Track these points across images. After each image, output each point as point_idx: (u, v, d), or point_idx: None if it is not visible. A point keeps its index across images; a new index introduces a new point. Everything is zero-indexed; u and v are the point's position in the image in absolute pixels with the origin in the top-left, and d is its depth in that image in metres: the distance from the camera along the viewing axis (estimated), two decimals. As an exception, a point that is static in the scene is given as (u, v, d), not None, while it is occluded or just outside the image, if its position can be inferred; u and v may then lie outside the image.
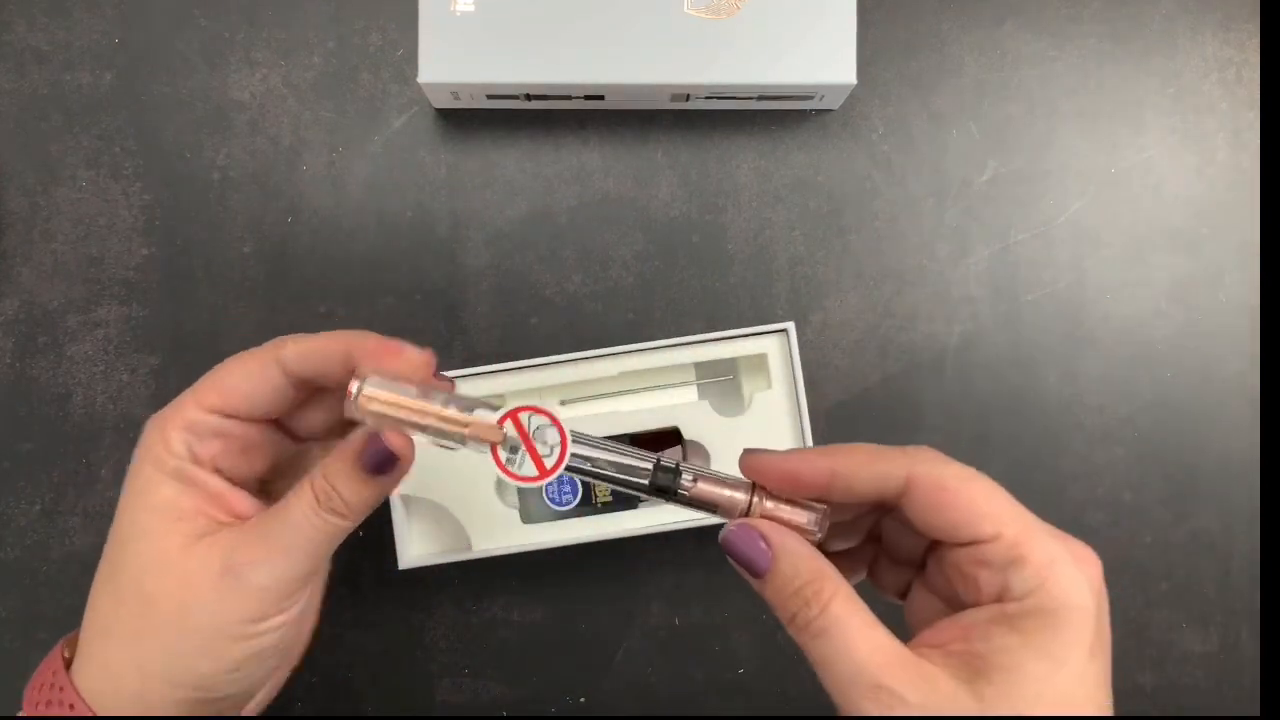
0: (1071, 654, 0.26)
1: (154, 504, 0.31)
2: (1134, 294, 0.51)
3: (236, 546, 0.31)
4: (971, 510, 0.28)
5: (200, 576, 0.30)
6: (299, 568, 0.31)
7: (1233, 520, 0.50)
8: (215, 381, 0.33)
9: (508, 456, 0.31)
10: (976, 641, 0.27)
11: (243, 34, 0.51)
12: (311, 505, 0.31)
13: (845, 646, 0.27)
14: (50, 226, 0.50)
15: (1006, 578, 0.27)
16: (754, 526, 0.30)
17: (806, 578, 0.28)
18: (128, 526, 0.32)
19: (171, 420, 0.32)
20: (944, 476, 0.28)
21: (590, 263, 0.51)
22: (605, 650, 0.49)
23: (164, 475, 0.32)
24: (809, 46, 0.47)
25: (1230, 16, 0.52)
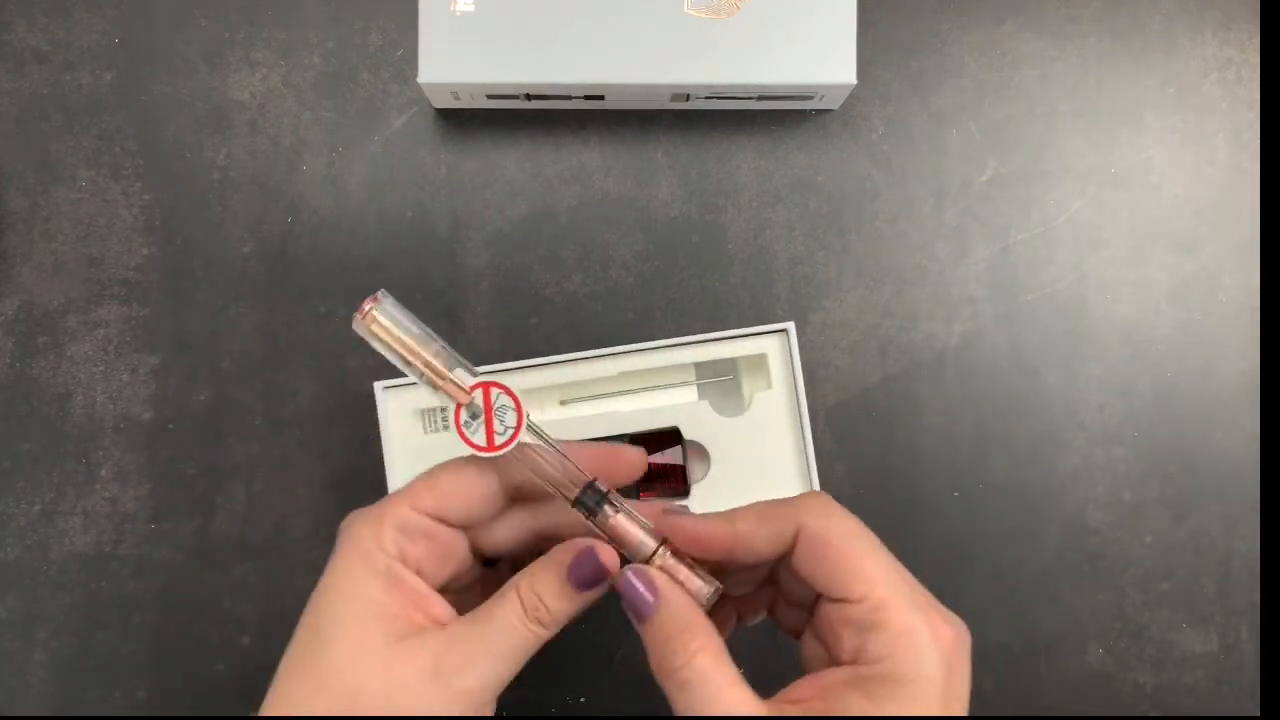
0: None
1: (359, 598, 0.31)
2: (1134, 294, 0.51)
3: (446, 649, 0.31)
4: (847, 569, 0.29)
5: (407, 676, 0.30)
6: (504, 674, 0.32)
7: (1233, 520, 0.50)
8: (432, 484, 0.33)
9: (467, 420, 0.33)
10: (831, 702, 0.29)
11: (243, 34, 0.51)
12: (519, 613, 0.32)
13: (705, 699, 0.29)
14: (50, 226, 0.50)
15: (864, 640, 0.29)
16: (646, 573, 0.32)
17: (680, 627, 0.30)
18: (329, 619, 0.31)
19: (387, 518, 0.32)
20: (828, 531, 0.30)
21: (590, 263, 0.51)
22: (605, 650, 0.49)
23: (372, 572, 0.31)
24: (809, 46, 0.47)
25: (1230, 16, 0.52)
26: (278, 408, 0.49)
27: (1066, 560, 0.50)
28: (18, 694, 0.48)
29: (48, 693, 0.48)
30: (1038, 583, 0.50)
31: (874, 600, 0.29)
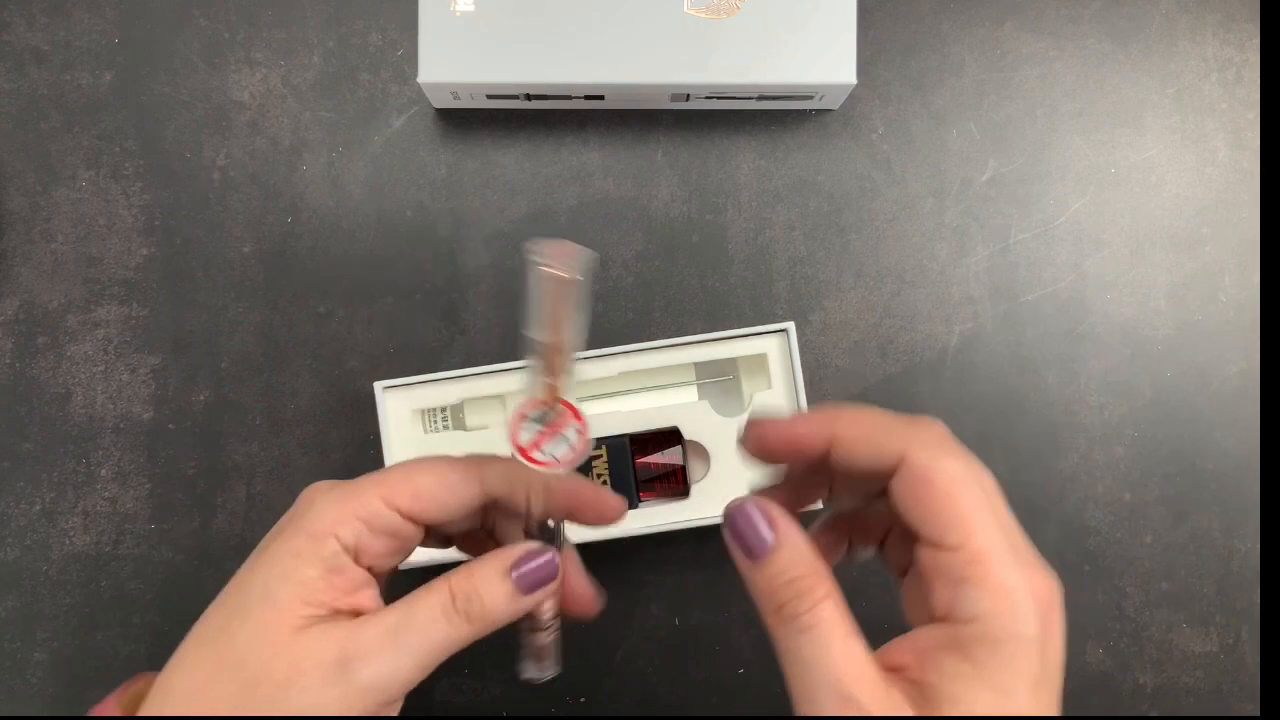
0: (1018, 686, 0.26)
1: (294, 580, 0.29)
2: (1134, 294, 0.51)
3: (354, 638, 0.29)
4: (945, 513, 0.27)
5: (310, 665, 0.28)
6: (412, 671, 0.29)
7: (1233, 520, 0.50)
8: (410, 483, 0.31)
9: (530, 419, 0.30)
10: (929, 670, 0.27)
11: (243, 34, 0.51)
12: (445, 606, 0.30)
13: (826, 649, 0.27)
14: (50, 226, 0.50)
15: (956, 594, 0.26)
16: (768, 508, 0.29)
17: (804, 570, 0.28)
18: (255, 592, 0.29)
19: (353, 502, 0.30)
20: (934, 470, 0.27)
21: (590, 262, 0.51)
22: (605, 650, 0.49)
23: (318, 557, 0.30)
24: (809, 46, 0.47)
25: (1230, 17, 0.52)
26: (278, 408, 0.49)
27: (1066, 560, 0.50)
28: (18, 694, 0.48)
29: (48, 693, 0.48)
30: (1038, 583, 0.50)
31: (970, 551, 0.26)
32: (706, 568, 0.50)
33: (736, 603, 0.50)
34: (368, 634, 0.29)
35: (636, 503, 0.46)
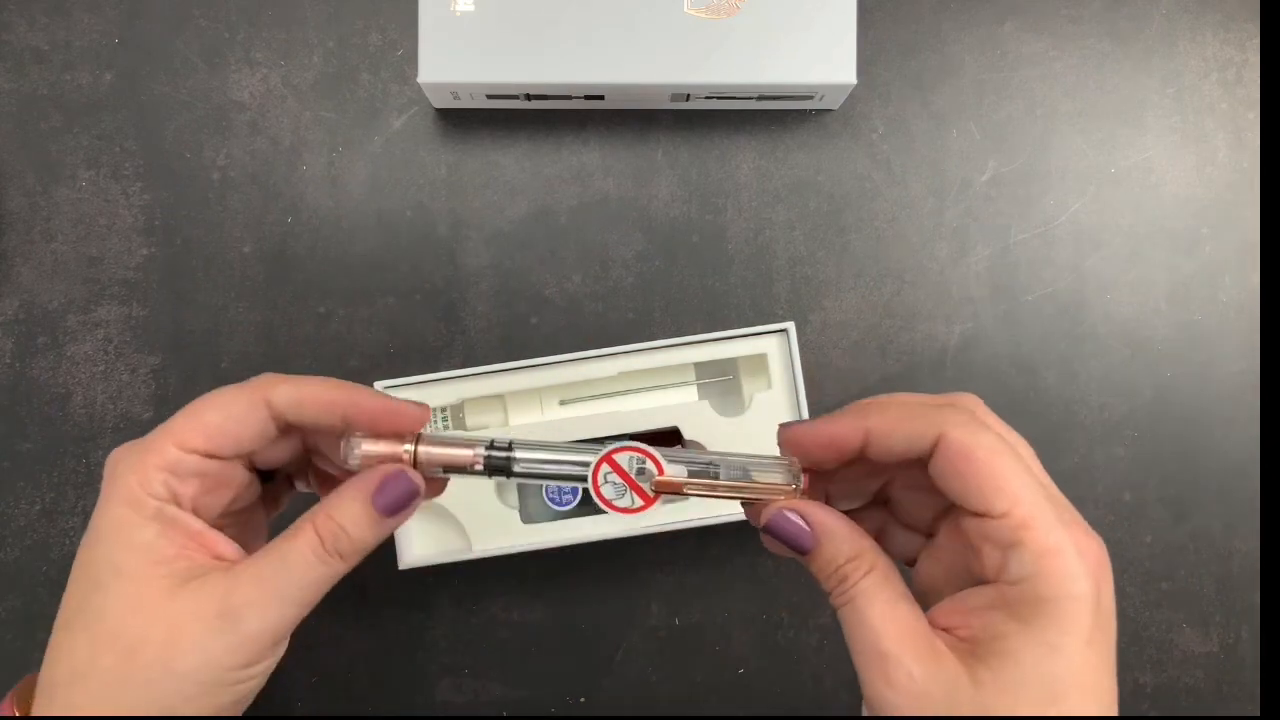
0: (1066, 641, 0.26)
1: (133, 546, 0.30)
2: (1134, 294, 0.51)
3: (231, 590, 0.29)
4: (989, 483, 0.27)
5: (190, 622, 0.29)
6: (295, 612, 0.30)
7: (1233, 520, 0.50)
8: (198, 421, 0.31)
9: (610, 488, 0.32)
10: (976, 626, 0.28)
11: (243, 34, 0.51)
12: (314, 547, 0.30)
13: (864, 616, 0.28)
14: (50, 226, 0.50)
15: (1006, 557, 0.27)
16: (799, 510, 0.30)
17: (846, 557, 0.29)
18: (104, 569, 0.30)
19: (150, 459, 0.30)
20: (973, 445, 0.28)
21: (590, 263, 0.51)
22: (605, 650, 0.49)
23: (143, 518, 0.30)
24: (809, 46, 0.47)
25: (1230, 16, 0.52)
26: (278, 408, 0.49)
27: (1066, 560, 0.50)
28: (18, 694, 0.48)
29: (48, 693, 0.48)
30: (1038, 583, 0.50)
31: (1016, 517, 0.27)
32: (706, 568, 0.50)
33: (736, 603, 0.50)
34: (245, 584, 0.29)
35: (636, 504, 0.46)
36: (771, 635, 0.50)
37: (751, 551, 0.50)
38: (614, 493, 0.33)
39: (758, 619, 0.50)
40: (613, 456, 0.32)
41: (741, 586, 0.50)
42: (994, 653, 0.27)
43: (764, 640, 0.50)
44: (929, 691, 0.27)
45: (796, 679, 0.49)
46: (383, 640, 0.49)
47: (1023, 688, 0.26)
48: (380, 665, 0.49)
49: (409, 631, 0.49)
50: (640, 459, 0.32)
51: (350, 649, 0.49)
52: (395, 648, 0.49)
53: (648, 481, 0.32)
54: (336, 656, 0.49)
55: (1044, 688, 0.26)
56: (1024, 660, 0.26)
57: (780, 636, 0.50)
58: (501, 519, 0.46)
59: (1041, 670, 0.26)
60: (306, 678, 0.48)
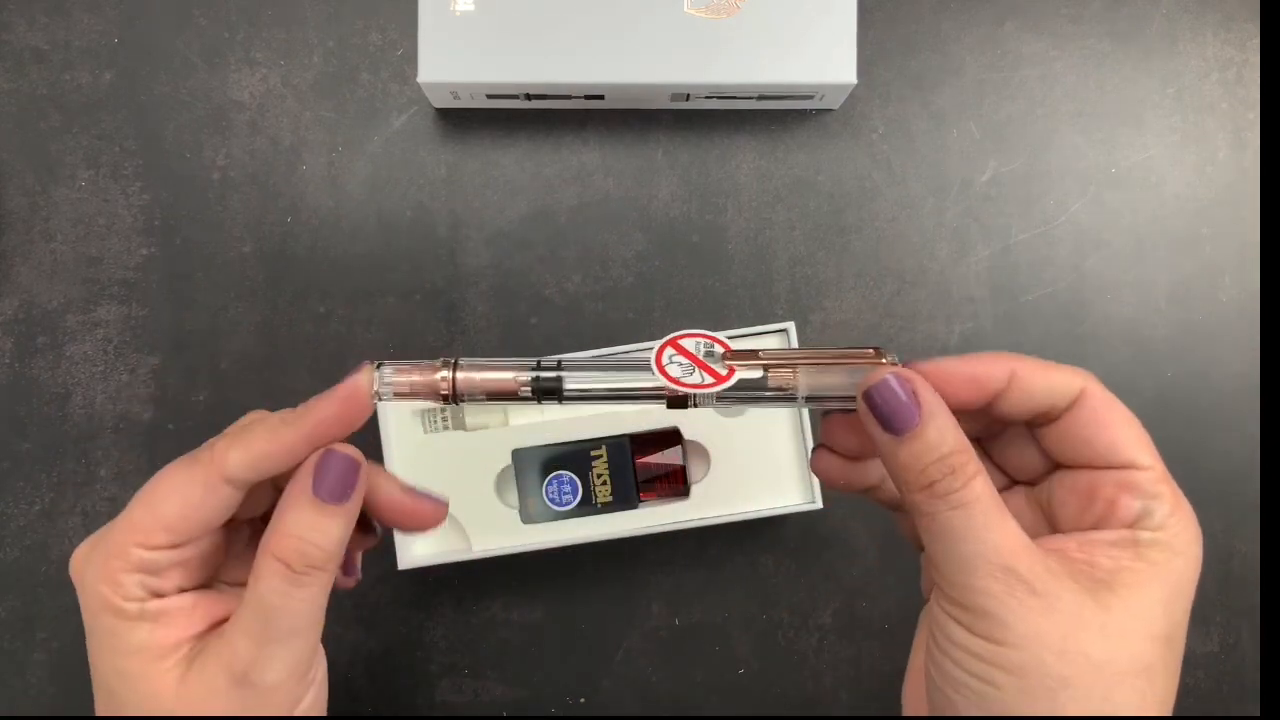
0: (1185, 590, 0.28)
1: (130, 651, 0.29)
2: (1134, 294, 0.51)
3: (233, 656, 0.28)
4: (1134, 437, 0.29)
5: (213, 701, 0.28)
6: (302, 648, 0.29)
7: (1233, 520, 0.50)
8: (156, 515, 0.29)
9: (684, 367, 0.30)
10: (1100, 556, 0.28)
11: (243, 34, 0.51)
12: (283, 576, 0.28)
13: (984, 524, 0.27)
14: (50, 226, 0.50)
15: (1150, 506, 0.28)
16: (909, 379, 0.28)
17: (955, 446, 0.27)
18: (111, 677, 0.29)
19: (115, 565, 0.29)
20: (1114, 401, 0.29)
21: (590, 263, 0.51)
22: (605, 650, 0.49)
23: (129, 622, 0.29)
24: (809, 46, 0.47)
25: (1230, 16, 0.52)
26: (277, 408, 0.49)
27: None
28: (18, 694, 0.48)
29: (48, 693, 0.48)
30: (1038, 583, 0.50)
31: (1159, 471, 0.28)
32: (706, 568, 0.50)
33: (736, 603, 0.50)
34: (241, 644, 0.28)
35: (637, 503, 0.46)
36: (771, 635, 0.50)
37: (751, 551, 0.50)
38: (681, 371, 0.30)
39: (758, 619, 0.50)
40: (677, 341, 0.30)
41: (741, 586, 0.50)
42: (1121, 583, 0.27)
43: (764, 640, 0.50)
44: (1057, 607, 0.26)
45: (796, 679, 0.49)
46: (383, 640, 0.49)
47: (1149, 621, 0.27)
48: (380, 665, 0.49)
49: (409, 631, 0.49)
50: (708, 343, 0.30)
51: (350, 649, 0.49)
52: (395, 648, 0.49)
53: (717, 361, 0.30)
54: (336, 656, 0.49)
55: (1165, 624, 0.27)
56: (1153, 597, 0.27)
57: (780, 636, 0.50)
58: (501, 519, 0.46)
59: (1166, 610, 0.27)
60: (306, 678, 0.48)
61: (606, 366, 0.30)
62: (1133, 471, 0.28)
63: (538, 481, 0.46)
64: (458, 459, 0.46)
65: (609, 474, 0.46)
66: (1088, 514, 0.29)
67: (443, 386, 0.29)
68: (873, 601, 0.50)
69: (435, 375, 0.29)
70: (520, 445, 0.46)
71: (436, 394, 0.30)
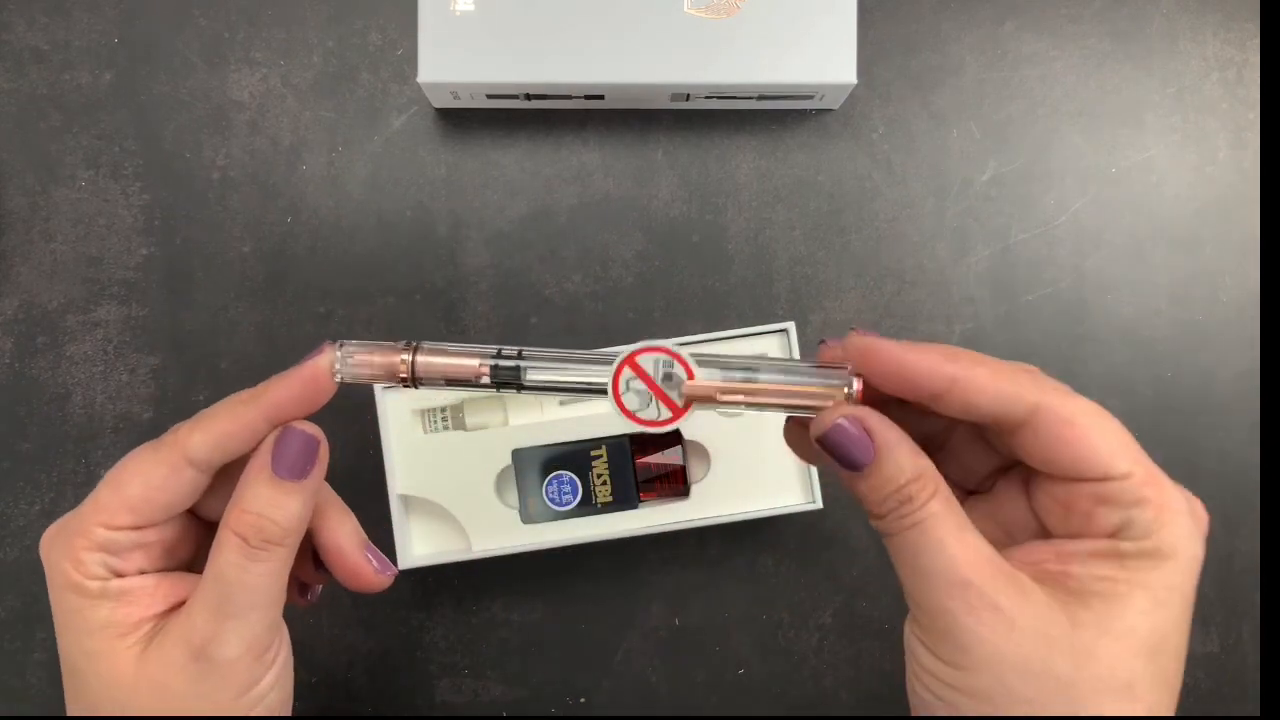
0: (1175, 597, 0.26)
1: (92, 630, 0.29)
2: (1134, 294, 0.51)
3: (190, 631, 0.29)
4: (1100, 449, 0.26)
5: (171, 677, 0.29)
6: (260, 621, 0.29)
7: (1234, 521, 0.50)
8: (119, 495, 0.29)
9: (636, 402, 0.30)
10: (1075, 567, 0.26)
11: (243, 34, 0.51)
12: (240, 550, 0.29)
13: (940, 538, 0.26)
14: (50, 226, 0.50)
15: (1129, 516, 0.26)
16: (861, 419, 0.27)
17: (911, 475, 0.27)
18: (76, 655, 0.30)
19: (78, 543, 0.29)
20: (1074, 412, 0.27)
21: (590, 263, 0.51)
22: (605, 650, 0.49)
23: (90, 600, 0.29)
24: (809, 46, 0.47)
25: (1230, 16, 0.52)
26: (278, 408, 0.49)
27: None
28: (18, 694, 0.48)
29: (48, 693, 0.48)
30: (1038, 583, 0.50)
31: (1141, 475, 0.26)
32: (706, 568, 0.50)
33: (736, 603, 0.50)
34: (199, 619, 0.29)
35: (637, 503, 0.46)
36: (771, 635, 0.50)
37: (751, 551, 0.50)
38: (638, 403, 0.29)
39: (758, 619, 0.50)
40: (636, 359, 0.29)
41: (741, 586, 0.50)
42: (1095, 594, 0.26)
43: (764, 640, 0.50)
44: (1019, 624, 0.25)
45: (796, 679, 0.49)
46: (383, 640, 0.49)
47: (1127, 634, 0.25)
48: (380, 665, 0.49)
49: (409, 631, 0.49)
50: (668, 360, 0.29)
51: (350, 649, 0.49)
52: (395, 648, 0.49)
53: (676, 389, 0.29)
54: (336, 656, 0.49)
55: (1147, 636, 0.26)
56: (1132, 607, 0.25)
57: (780, 636, 0.50)
58: (501, 519, 0.46)
59: (1148, 619, 0.26)
60: (306, 678, 0.48)
61: (567, 359, 0.30)
62: (1108, 484, 0.27)
63: (538, 481, 0.46)
64: (458, 459, 0.46)
65: (609, 474, 0.46)
66: (1070, 521, 0.28)
67: (401, 369, 0.30)
68: (873, 601, 0.50)
69: (395, 358, 0.30)
70: (520, 445, 0.46)
71: (395, 376, 0.30)
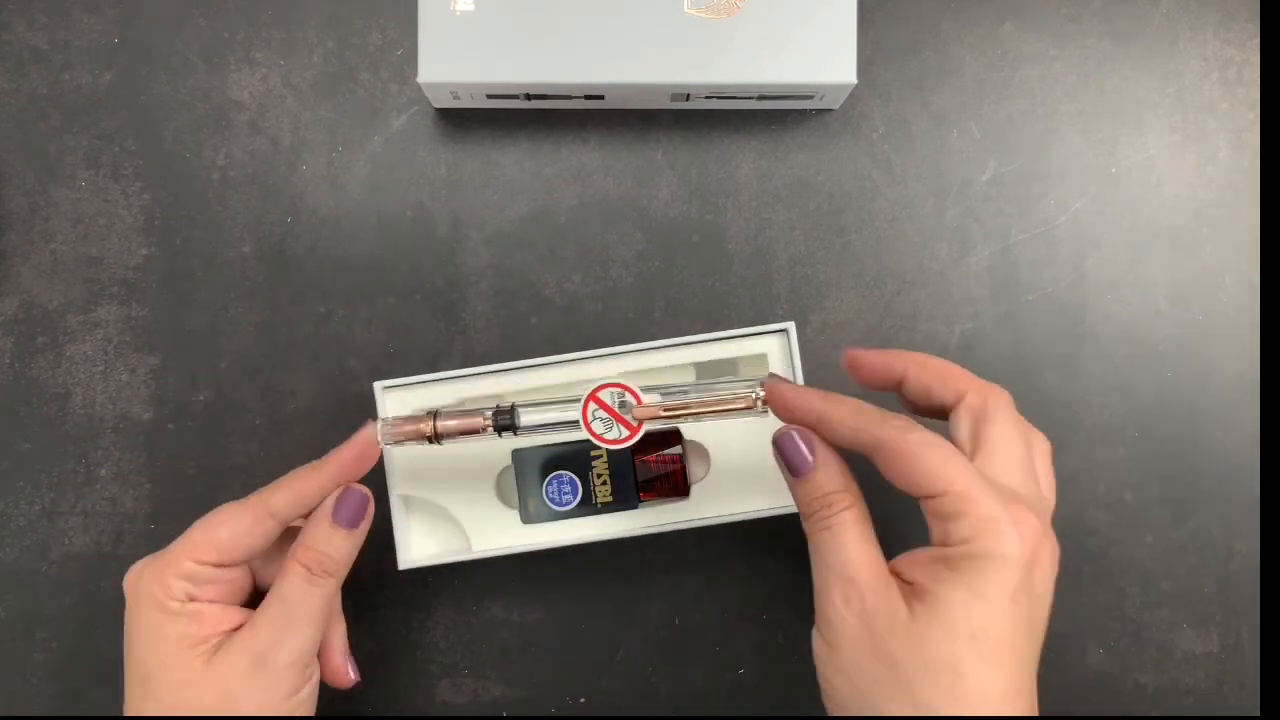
0: (992, 592, 0.31)
1: (168, 641, 0.36)
2: (1134, 294, 0.51)
3: (254, 640, 0.36)
4: (926, 470, 0.32)
5: (233, 678, 0.36)
6: (311, 637, 0.37)
7: (1233, 520, 0.50)
8: (210, 538, 0.37)
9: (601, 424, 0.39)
10: (919, 572, 0.32)
11: (243, 34, 0.51)
12: (304, 577, 0.37)
13: (841, 544, 0.34)
14: (50, 226, 0.50)
15: (948, 527, 0.32)
16: (806, 436, 0.36)
17: (835, 488, 0.35)
18: (150, 664, 0.36)
19: (169, 570, 0.37)
20: (907, 441, 0.33)
21: (590, 263, 0.51)
22: (605, 650, 0.49)
23: (170, 616, 0.36)
24: (809, 46, 0.47)
25: (1230, 16, 0.52)
26: (278, 408, 0.49)
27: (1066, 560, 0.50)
28: (18, 694, 0.48)
29: (48, 693, 0.48)
30: (1038, 583, 0.50)
31: (955, 492, 0.32)
32: (706, 567, 0.50)
33: (736, 603, 0.50)
34: (262, 631, 0.36)
35: (637, 503, 0.46)
36: (771, 635, 0.50)
37: (751, 551, 0.50)
38: (603, 428, 0.38)
39: (758, 619, 0.50)
40: (596, 395, 0.38)
41: (741, 586, 0.50)
42: (928, 592, 0.32)
43: (764, 640, 0.50)
44: (875, 615, 0.32)
45: (796, 679, 0.49)
46: (383, 640, 0.49)
47: (948, 623, 0.31)
48: (380, 665, 0.49)
49: (409, 631, 0.49)
50: (620, 393, 0.38)
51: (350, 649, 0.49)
52: (395, 648, 0.49)
53: (629, 413, 0.38)
54: (336, 656, 0.49)
55: (964, 626, 0.31)
56: (952, 600, 0.31)
57: (780, 636, 0.50)
58: (501, 519, 0.46)
59: (966, 610, 0.31)
60: (306, 678, 0.48)
61: (548, 404, 0.39)
62: (933, 500, 0.32)
63: (538, 481, 0.46)
64: (458, 459, 0.46)
65: (609, 474, 0.46)
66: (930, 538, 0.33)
67: (427, 431, 0.39)
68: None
69: (421, 425, 0.39)
70: (520, 445, 0.46)
71: (423, 437, 0.39)
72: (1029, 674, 0.32)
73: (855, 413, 0.35)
